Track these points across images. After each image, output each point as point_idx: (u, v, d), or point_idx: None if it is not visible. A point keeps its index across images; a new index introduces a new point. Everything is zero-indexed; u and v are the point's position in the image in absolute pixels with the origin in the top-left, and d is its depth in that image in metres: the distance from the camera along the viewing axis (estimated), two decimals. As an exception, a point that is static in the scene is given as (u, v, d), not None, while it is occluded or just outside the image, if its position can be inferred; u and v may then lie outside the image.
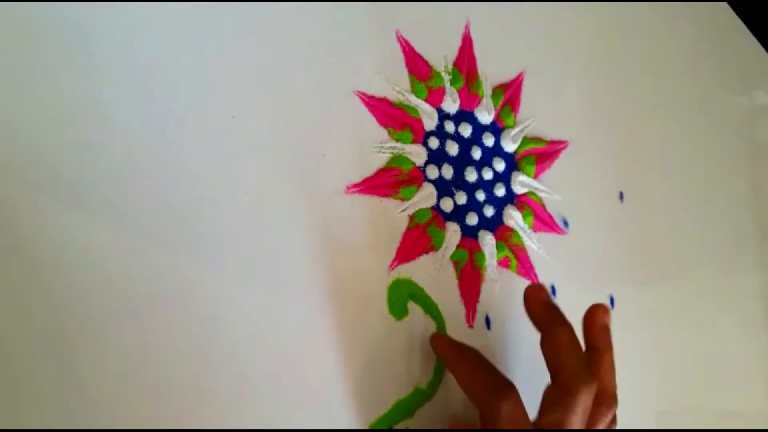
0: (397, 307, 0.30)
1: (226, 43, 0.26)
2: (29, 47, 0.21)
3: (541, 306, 0.29)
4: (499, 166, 0.36)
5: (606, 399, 0.29)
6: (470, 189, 0.34)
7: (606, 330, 0.31)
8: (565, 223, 0.39)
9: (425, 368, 0.30)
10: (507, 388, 0.26)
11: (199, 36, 0.25)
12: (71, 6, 0.22)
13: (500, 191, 0.36)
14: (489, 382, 0.26)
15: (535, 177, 0.38)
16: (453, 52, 0.35)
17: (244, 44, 0.27)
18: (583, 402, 0.26)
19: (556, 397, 0.26)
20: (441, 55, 0.34)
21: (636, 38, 0.50)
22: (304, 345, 0.27)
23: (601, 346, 0.31)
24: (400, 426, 0.29)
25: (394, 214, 0.31)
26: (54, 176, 0.21)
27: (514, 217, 0.36)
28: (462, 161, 0.34)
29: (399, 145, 0.31)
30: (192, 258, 0.24)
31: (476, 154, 0.35)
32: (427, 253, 0.32)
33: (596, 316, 0.31)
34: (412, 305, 0.30)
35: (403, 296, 0.30)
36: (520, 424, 0.25)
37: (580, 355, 0.28)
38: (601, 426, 0.29)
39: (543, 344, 0.28)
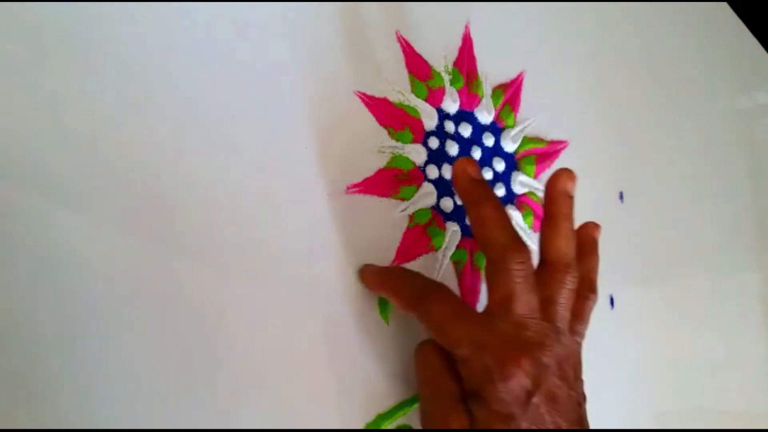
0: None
1: (226, 43, 0.26)
2: (29, 47, 0.21)
3: (467, 181, 0.27)
4: (499, 166, 0.36)
5: (561, 266, 0.27)
6: (470, 189, 0.34)
7: (567, 198, 0.29)
8: (565, 223, 0.39)
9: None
10: (434, 290, 0.26)
11: (200, 36, 0.25)
12: (71, 6, 0.22)
13: (500, 191, 0.36)
14: (417, 289, 0.26)
15: (535, 177, 0.38)
16: (453, 52, 0.35)
17: (245, 44, 0.27)
18: (518, 271, 0.25)
19: (490, 275, 0.26)
20: (441, 55, 0.34)
21: (635, 38, 0.50)
22: (304, 345, 0.27)
23: (558, 213, 0.28)
24: (399, 425, 0.29)
25: (394, 214, 0.31)
26: (55, 176, 0.21)
27: (514, 218, 0.36)
28: (462, 161, 0.34)
29: (399, 144, 0.31)
30: (192, 258, 0.24)
31: (476, 154, 0.35)
32: (427, 253, 0.32)
33: (558, 183, 0.29)
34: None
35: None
36: (454, 320, 0.25)
37: (507, 227, 0.26)
38: (564, 292, 0.27)
39: (470, 221, 0.27)
